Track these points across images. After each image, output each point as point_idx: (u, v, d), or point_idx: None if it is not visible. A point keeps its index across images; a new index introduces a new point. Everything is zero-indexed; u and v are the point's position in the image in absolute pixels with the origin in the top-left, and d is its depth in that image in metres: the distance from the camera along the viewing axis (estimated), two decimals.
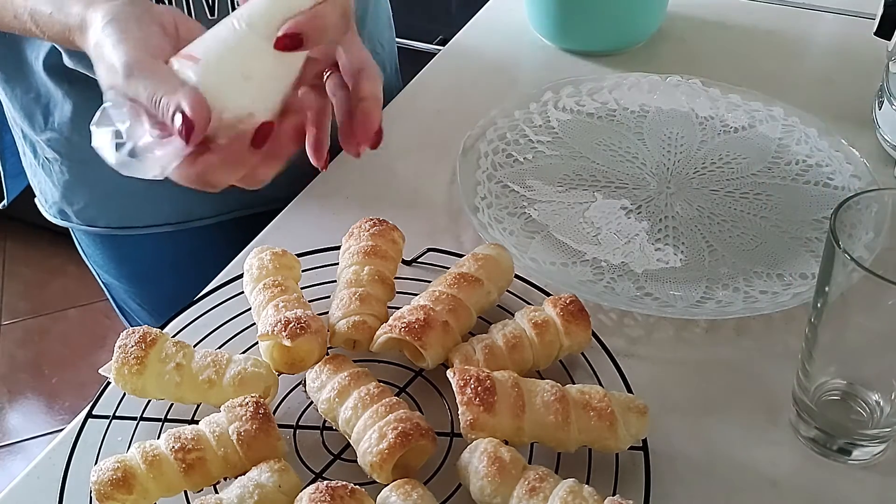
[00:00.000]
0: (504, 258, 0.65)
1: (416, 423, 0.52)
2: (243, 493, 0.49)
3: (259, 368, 0.57)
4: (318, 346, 0.57)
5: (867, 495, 0.55)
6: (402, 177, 0.83)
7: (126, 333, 0.57)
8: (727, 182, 0.81)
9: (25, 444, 1.89)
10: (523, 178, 0.81)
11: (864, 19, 1.05)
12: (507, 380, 0.54)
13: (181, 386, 0.56)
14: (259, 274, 0.63)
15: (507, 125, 0.87)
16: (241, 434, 0.52)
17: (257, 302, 0.61)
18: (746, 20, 1.08)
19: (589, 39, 1.00)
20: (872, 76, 0.88)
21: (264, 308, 0.60)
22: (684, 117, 0.89)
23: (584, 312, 0.60)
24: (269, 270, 0.63)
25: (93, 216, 0.90)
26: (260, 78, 0.51)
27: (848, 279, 0.49)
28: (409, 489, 0.49)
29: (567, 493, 0.48)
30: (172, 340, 0.58)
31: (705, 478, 0.56)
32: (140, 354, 0.56)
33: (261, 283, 0.62)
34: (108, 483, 0.50)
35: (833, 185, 0.79)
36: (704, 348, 0.65)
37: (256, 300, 0.61)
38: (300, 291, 0.63)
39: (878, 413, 0.55)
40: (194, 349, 0.58)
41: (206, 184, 0.52)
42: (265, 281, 0.62)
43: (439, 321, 0.58)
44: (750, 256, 0.72)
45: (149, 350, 0.56)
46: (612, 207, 0.78)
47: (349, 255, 0.65)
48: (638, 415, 0.54)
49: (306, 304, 0.61)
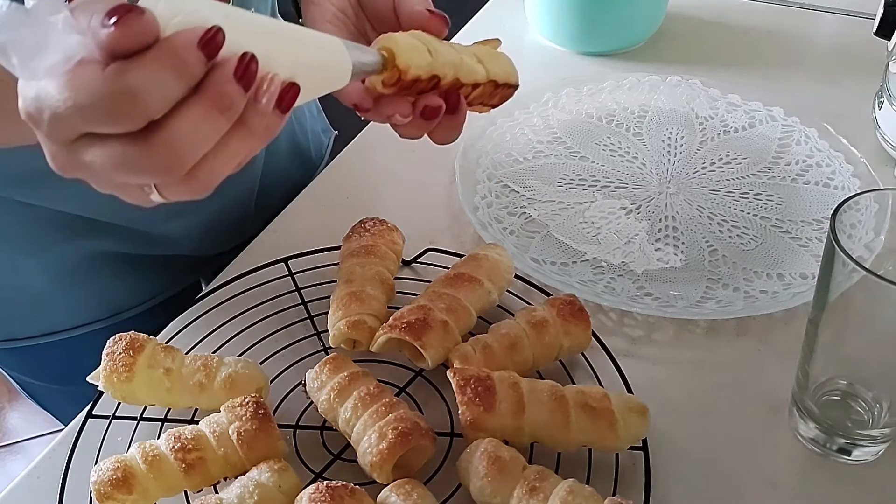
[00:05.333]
0: (504, 258, 0.65)
1: (416, 423, 0.52)
2: (243, 493, 0.49)
3: (250, 370, 0.57)
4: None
5: (867, 495, 0.55)
6: (402, 177, 0.83)
7: (113, 340, 0.57)
8: (727, 182, 0.81)
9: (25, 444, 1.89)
10: (523, 178, 0.81)
11: (864, 19, 1.05)
12: (507, 380, 0.54)
13: (172, 391, 0.56)
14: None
15: (507, 125, 0.87)
16: (241, 434, 0.52)
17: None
18: (746, 20, 1.08)
19: (589, 39, 1.00)
20: (872, 76, 0.88)
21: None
22: (684, 117, 0.89)
23: (584, 312, 0.60)
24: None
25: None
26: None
27: (848, 279, 0.49)
28: (409, 489, 0.49)
29: (567, 493, 0.48)
30: (161, 345, 0.57)
31: (705, 478, 0.56)
32: (128, 361, 0.55)
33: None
34: (108, 483, 0.50)
35: (833, 185, 0.79)
36: (704, 348, 0.65)
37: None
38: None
39: (878, 413, 0.55)
40: (184, 354, 0.58)
41: (107, 104, 0.34)
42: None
43: (439, 321, 0.58)
44: (750, 256, 0.72)
45: (137, 356, 0.56)
46: (612, 207, 0.78)
47: (349, 255, 0.65)
48: (638, 415, 0.54)
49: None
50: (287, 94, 0.39)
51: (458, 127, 0.53)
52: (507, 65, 0.56)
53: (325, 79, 0.43)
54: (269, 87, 0.38)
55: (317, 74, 0.42)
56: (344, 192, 0.80)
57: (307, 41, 0.42)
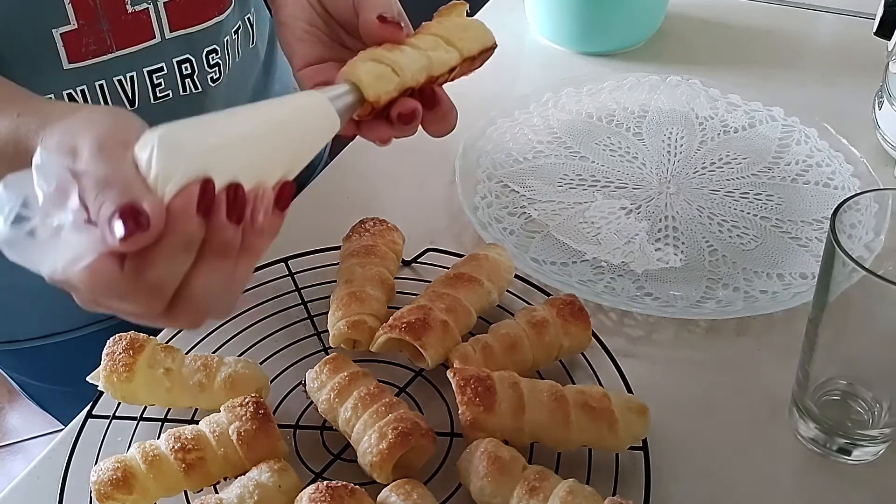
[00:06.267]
0: (504, 258, 0.65)
1: (416, 423, 0.52)
2: (243, 493, 0.49)
3: (250, 370, 0.57)
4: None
5: (867, 495, 0.55)
6: (402, 177, 0.83)
7: (113, 340, 0.57)
8: (727, 182, 0.81)
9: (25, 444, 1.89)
10: (523, 178, 0.81)
11: (864, 19, 1.05)
12: (507, 380, 0.54)
13: (172, 391, 0.56)
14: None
15: (507, 125, 0.87)
16: (241, 434, 0.52)
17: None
18: (746, 20, 1.08)
19: (589, 39, 1.00)
20: (872, 76, 0.88)
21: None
22: (684, 117, 0.89)
23: (584, 312, 0.60)
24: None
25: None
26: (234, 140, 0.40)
27: (848, 279, 0.49)
28: (409, 489, 0.49)
29: (567, 493, 0.48)
30: (161, 345, 0.57)
31: (705, 478, 0.56)
32: (128, 361, 0.55)
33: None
34: (108, 483, 0.50)
35: (833, 185, 0.79)
36: (704, 348, 0.65)
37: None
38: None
39: (878, 413, 0.55)
40: (184, 354, 0.58)
41: (130, 292, 0.38)
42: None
43: (439, 321, 0.58)
44: (750, 256, 0.72)
45: (137, 356, 0.56)
46: (612, 207, 0.77)
47: (349, 255, 0.65)
48: (638, 415, 0.54)
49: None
50: (283, 195, 0.41)
51: (445, 116, 0.52)
52: (479, 30, 0.53)
53: (320, 139, 0.44)
54: (262, 203, 0.40)
55: (311, 142, 0.43)
56: (344, 192, 0.80)
57: (294, 119, 0.43)
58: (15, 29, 0.58)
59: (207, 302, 0.40)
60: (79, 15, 0.59)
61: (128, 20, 0.62)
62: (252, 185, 0.39)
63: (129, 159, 0.38)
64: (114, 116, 0.41)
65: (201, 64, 0.68)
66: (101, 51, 0.62)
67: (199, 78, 0.68)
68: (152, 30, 0.64)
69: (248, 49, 0.74)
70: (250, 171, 0.39)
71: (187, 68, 0.67)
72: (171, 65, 0.66)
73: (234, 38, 0.71)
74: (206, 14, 0.66)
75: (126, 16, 0.62)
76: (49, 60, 0.60)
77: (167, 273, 0.38)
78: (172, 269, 0.38)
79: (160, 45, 0.65)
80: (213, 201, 0.38)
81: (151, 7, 0.63)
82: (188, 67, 0.67)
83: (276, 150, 0.41)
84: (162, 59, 0.65)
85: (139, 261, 0.37)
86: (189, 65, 0.67)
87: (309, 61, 0.55)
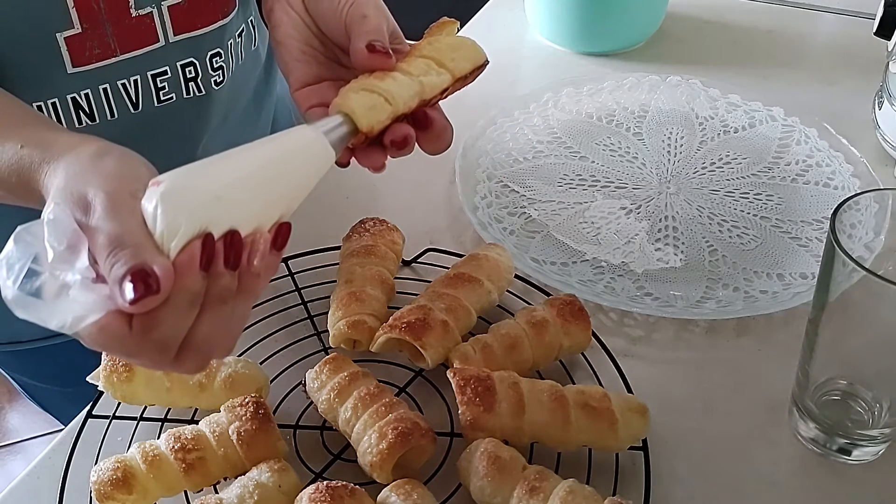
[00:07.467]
0: (504, 258, 0.65)
1: (416, 423, 0.52)
2: (243, 493, 0.49)
3: (250, 370, 0.57)
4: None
5: (867, 495, 0.55)
6: (402, 177, 0.83)
7: None
8: (727, 182, 0.81)
9: (25, 444, 1.89)
10: (523, 178, 0.81)
11: (864, 19, 1.05)
12: (507, 380, 0.54)
13: (172, 391, 0.56)
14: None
15: (507, 125, 0.87)
16: (241, 434, 0.52)
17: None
18: (746, 20, 1.08)
19: (589, 39, 1.00)
20: (872, 76, 0.88)
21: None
22: (684, 117, 0.89)
23: (584, 312, 0.60)
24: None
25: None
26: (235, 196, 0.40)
27: (848, 279, 0.49)
28: (409, 489, 0.49)
29: (567, 493, 0.48)
30: None
31: (705, 478, 0.56)
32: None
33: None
34: (108, 483, 0.50)
35: (833, 185, 0.79)
36: (704, 348, 0.65)
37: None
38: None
39: (878, 413, 0.55)
40: None
41: (138, 350, 0.39)
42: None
43: (439, 321, 0.58)
44: (750, 256, 0.72)
45: None
46: (612, 207, 0.78)
47: (349, 255, 0.65)
48: (638, 415, 0.54)
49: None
50: (280, 235, 0.42)
51: (439, 136, 0.52)
52: (470, 49, 0.53)
53: (316, 175, 0.45)
54: (258, 247, 0.41)
55: (308, 180, 0.45)
56: (344, 192, 0.80)
57: (291, 159, 0.44)
58: (19, 33, 0.58)
59: (211, 348, 0.41)
60: (83, 19, 0.59)
61: (132, 24, 0.62)
62: (250, 230, 0.40)
63: (139, 214, 0.39)
64: (122, 162, 0.42)
65: (205, 67, 0.68)
66: (105, 55, 0.62)
67: (203, 81, 0.68)
68: (156, 34, 0.64)
69: (250, 51, 0.74)
70: (249, 219, 0.40)
71: (191, 72, 0.67)
72: (175, 68, 0.66)
73: (238, 41, 0.71)
74: (210, 18, 0.66)
75: (130, 20, 0.61)
76: (53, 64, 0.60)
77: (174, 330, 0.39)
78: (179, 325, 0.39)
79: (164, 49, 0.65)
80: (215, 254, 0.39)
81: (155, 11, 0.63)
82: (192, 71, 0.67)
83: (274, 194, 0.42)
84: (166, 62, 0.65)
85: (147, 320, 0.38)
86: (193, 68, 0.67)
87: (306, 81, 0.55)
